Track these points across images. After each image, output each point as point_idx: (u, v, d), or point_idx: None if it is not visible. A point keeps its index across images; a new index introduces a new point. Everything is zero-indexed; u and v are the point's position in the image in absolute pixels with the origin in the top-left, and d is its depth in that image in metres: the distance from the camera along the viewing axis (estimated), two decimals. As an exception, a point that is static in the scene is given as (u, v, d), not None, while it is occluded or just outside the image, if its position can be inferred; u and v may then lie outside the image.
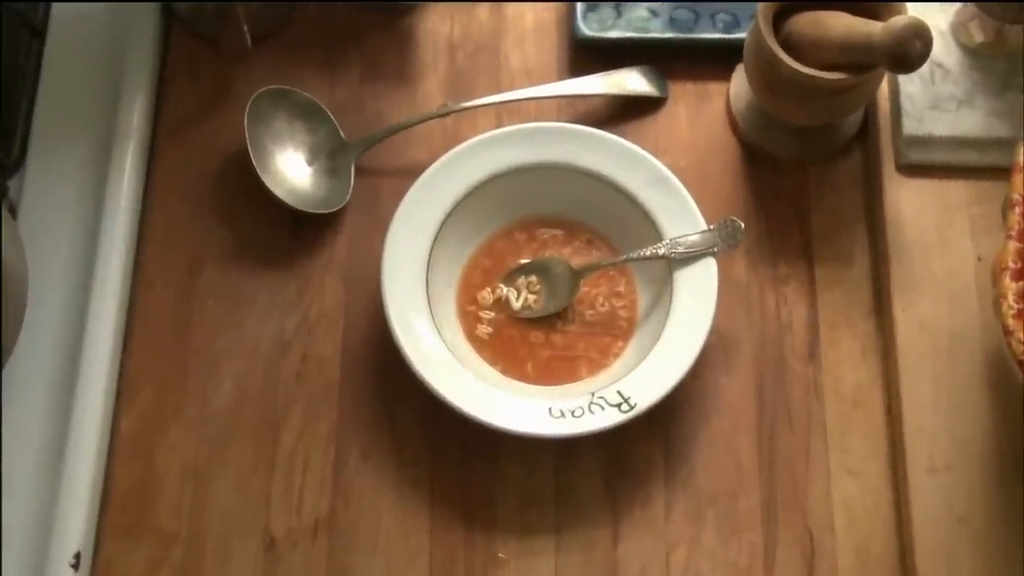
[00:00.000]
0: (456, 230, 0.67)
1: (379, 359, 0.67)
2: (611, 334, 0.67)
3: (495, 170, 0.67)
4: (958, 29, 0.70)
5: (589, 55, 0.73)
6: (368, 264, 0.68)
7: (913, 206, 0.68)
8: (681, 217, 0.66)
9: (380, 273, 0.64)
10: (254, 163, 0.68)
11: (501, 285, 0.68)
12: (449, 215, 0.67)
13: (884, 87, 0.70)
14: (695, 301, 0.64)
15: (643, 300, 0.68)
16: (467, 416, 0.61)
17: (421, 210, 0.66)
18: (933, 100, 0.68)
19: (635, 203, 0.67)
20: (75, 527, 0.60)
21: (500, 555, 0.63)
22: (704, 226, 0.66)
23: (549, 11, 0.74)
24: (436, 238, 0.66)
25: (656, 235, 0.66)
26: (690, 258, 0.65)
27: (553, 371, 0.66)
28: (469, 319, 0.68)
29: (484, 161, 0.67)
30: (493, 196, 0.68)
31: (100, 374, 0.64)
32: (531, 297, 0.68)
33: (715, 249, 0.65)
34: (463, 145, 0.67)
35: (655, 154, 0.68)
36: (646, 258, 0.66)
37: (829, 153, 0.72)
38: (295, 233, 0.70)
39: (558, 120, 0.72)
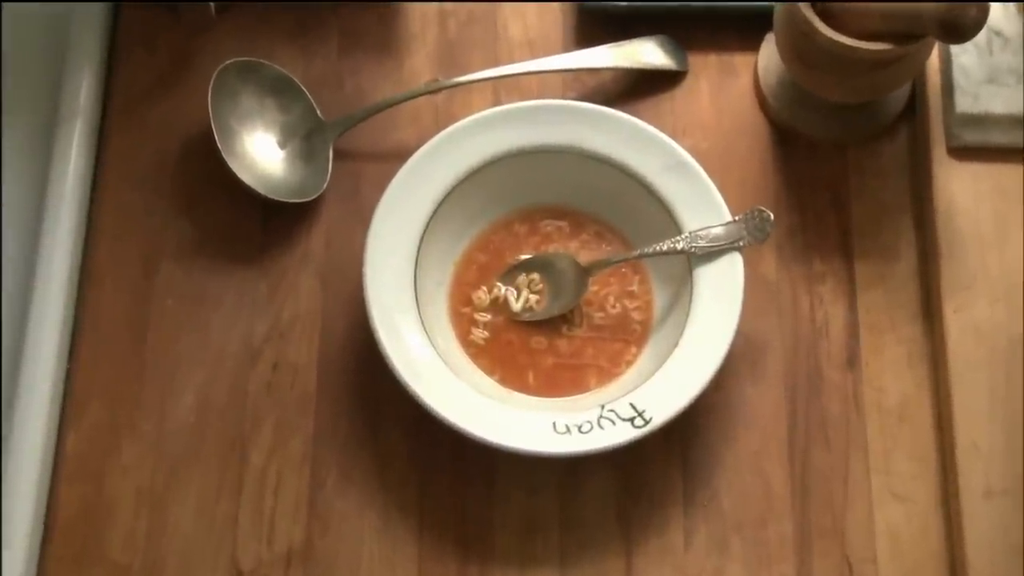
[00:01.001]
0: (448, 222, 0.68)
1: (361, 368, 0.67)
2: (623, 339, 0.67)
3: (492, 154, 0.67)
4: (1019, -8, 0.70)
5: (598, 24, 0.73)
6: (348, 260, 0.68)
7: (966, 194, 0.67)
8: (702, 207, 0.66)
9: (362, 270, 0.64)
10: (219, 146, 0.68)
11: (499, 284, 0.69)
12: (440, 205, 0.67)
13: (934, 59, 0.70)
14: (718, 302, 0.64)
15: (659, 301, 0.68)
16: (461, 432, 0.61)
17: (408, 199, 0.66)
18: (990, 73, 0.68)
19: (650, 191, 0.67)
20: (15, 558, 0.60)
21: (498, 589, 0.63)
22: (728, 217, 0.66)
23: (553, -26, 0.74)
24: (425, 231, 0.66)
25: (674, 227, 0.66)
26: (713, 253, 0.65)
27: (558, 381, 0.66)
28: (463, 322, 0.68)
29: (480, 144, 0.67)
30: (490, 183, 0.68)
31: (43, 385, 0.64)
32: (533, 297, 0.68)
33: (741, 243, 0.65)
34: (456, 126, 0.67)
35: (673, 136, 0.68)
36: (663, 253, 0.66)
37: (871, 134, 0.72)
38: (266, 225, 0.70)
39: (563, 97, 0.72)
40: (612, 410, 0.62)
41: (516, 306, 0.68)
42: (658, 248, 0.66)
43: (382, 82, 0.73)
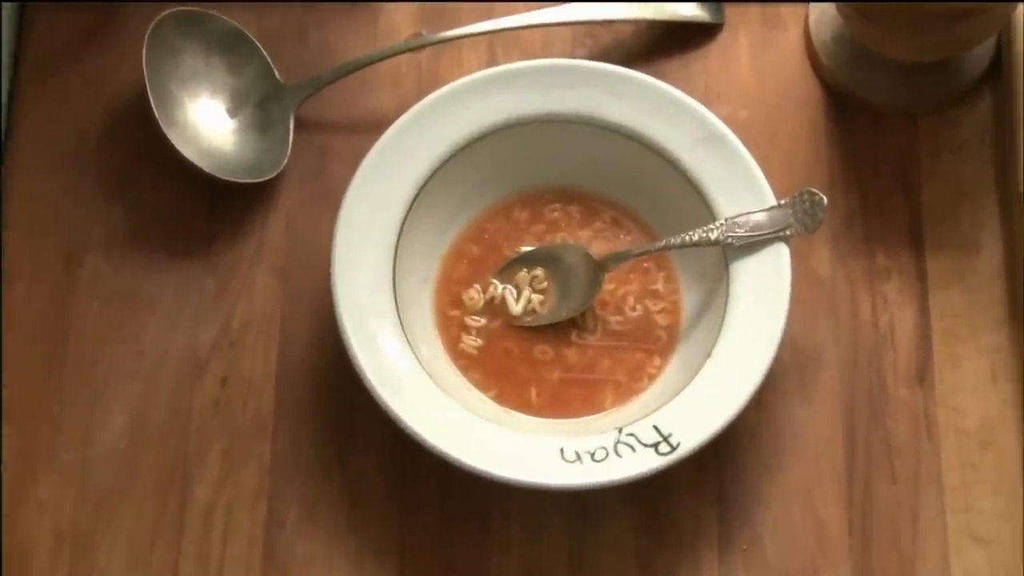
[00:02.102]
0: (434, 207, 0.68)
1: (328, 383, 0.68)
2: (645, 348, 0.68)
3: (487, 125, 0.68)
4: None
5: (615, -34, 0.73)
6: (313, 253, 0.69)
7: (1063, 172, 0.68)
8: (741, 188, 0.66)
9: (331, 265, 0.64)
10: (156, 115, 0.68)
11: (495, 281, 0.69)
12: (424, 186, 0.67)
13: (1022, 10, 0.70)
14: (760, 303, 0.64)
15: (689, 302, 0.68)
16: (449, 460, 0.61)
17: (386, 179, 0.67)
18: (1091, 27, 0.69)
19: (678, 169, 0.67)
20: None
21: (495, 651, 0.64)
22: (773, 201, 0.66)
23: (559, -94, 0.74)
24: (407, 218, 0.67)
25: (707, 213, 0.66)
26: (753, 245, 0.65)
27: (566, 399, 0.67)
28: (452, 328, 0.68)
29: (472, 112, 0.67)
30: (485, 160, 0.68)
31: (-57, 404, 0.65)
32: (536, 298, 0.69)
33: (788, 232, 0.65)
34: (443, 90, 0.68)
35: (706, 102, 0.68)
36: (693, 244, 0.66)
37: (947, 100, 0.72)
38: (213, 210, 0.71)
39: (573, 56, 0.73)
40: (632, 434, 0.62)
41: (516, 308, 0.68)
42: (687, 238, 0.66)
43: (354, 37, 0.73)
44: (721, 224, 0.66)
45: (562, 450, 0.62)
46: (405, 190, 0.67)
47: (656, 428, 0.62)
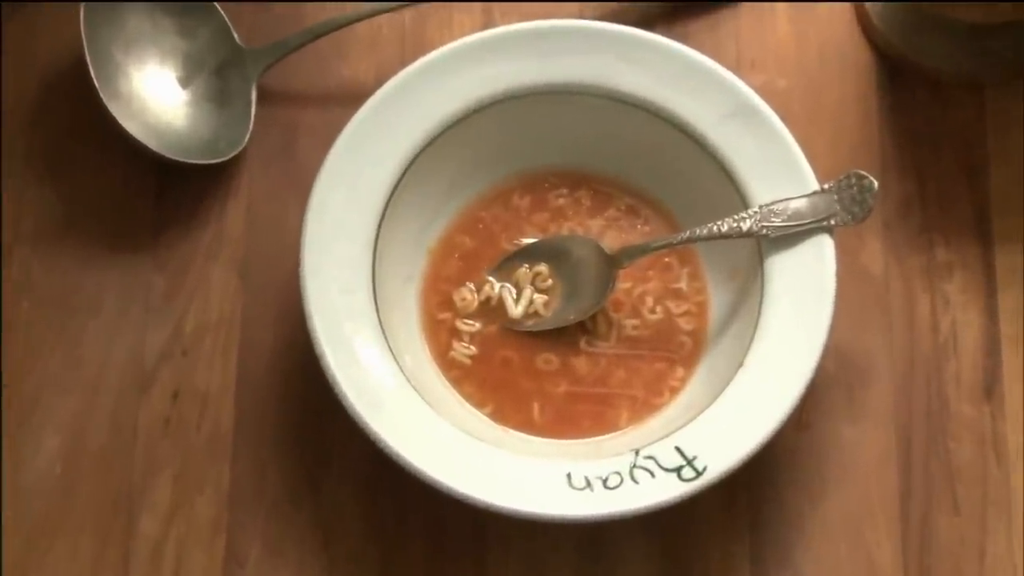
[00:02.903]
0: (421, 193, 0.68)
1: (297, 397, 0.68)
2: (666, 357, 0.68)
3: (482, 96, 0.68)
4: None
5: (632, -88, 0.74)
6: (280, 246, 0.69)
7: None
8: (778, 170, 0.66)
9: (300, 261, 0.64)
10: (95, 85, 0.67)
11: (492, 279, 0.69)
12: (409, 169, 0.67)
13: None
14: (800, 305, 0.64)
15: (717, 303, 0.69)
16: (438, 487, 0.61)
17: (365, 160, 0.66)
18: None
19: (705, 148, 0.67)
20: None
21: None
22: (815, 185, 0.66)
23: None
24: (388, 205, 0.67)
25: (738, 200, 0.66)
26: (792, 236, 0.65)
27: (574, 416, 0.67)
28: (441, 334, 0.68)
29: (465, 82, 0.67)
30: (479, 138, 0.68)
31: None
32: (539, 298, 0.69)
33: (832, 222, 0.65)
34: (431, 56, 0.68)
35: (737, 71, 0.68)
36: (723, 236, 0.65)
37: (1019, 69, 0.72)
38: (162, 196, 0.71)
39: (581, 16, 0.72)
40: (650, 456, 0.62)
41: (516, 310, 0.68)
42: (716, 229, 0.66)
43: (326, -6, 0.74)
44: (755, 212, 0.65)
45: (569, 475, 0.62)
46: (387, 173, 0.67)
47: (679, 450, 0.62)
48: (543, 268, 0.69)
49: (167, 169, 0.70)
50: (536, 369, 0.67)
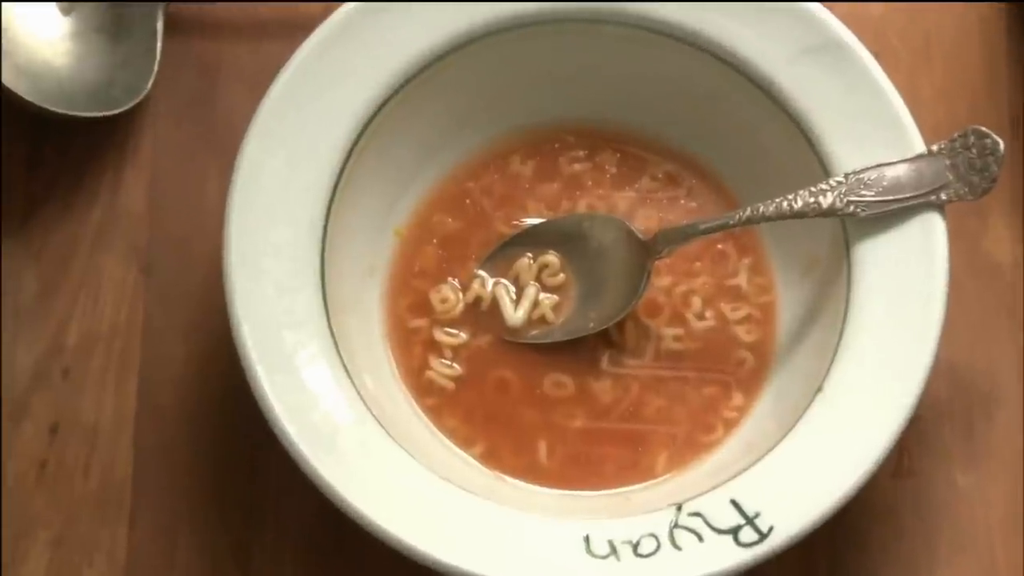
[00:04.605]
0: (386, 156, 0.65)
1: (218, 432, 0.64)
2: (720, 379, 0.64)
3: (469, 26, 0.64)
4: None
5: None
6: (194, 228, 0.66)
7: None
8: (871, 126, 0.62)
9: (223, 248, 0.60)
10: None
11: (482, 274, 0.66)
12: (370, 124, 0.63)
13: None
14: (899, 307, 0.60)
15: (788, 306, 0.65)
16: (409, 554, 0.56)
17: (310, 113, 0.62)
18: None
19: (773, 97, 0.63)
20: None
21: None
22: (921, 147, 0.62)
23: None
24: (342, 173, 0.62)
25: (817, 166, 0.62)
26: (890, 215, 0.61)
27: (595, 459, 0.63)
28: (414, 347, 0.65)
29: (443, 8, 0.64)
30: (464, 83, 0.65)
31: None
32: (547, 300, 0.65)
33: (943, 196, 0.61)
34: None
35: None
36: (796, 215, 0.62)
37: None
38: (37, 161, 0.68)
39: None
40: (697, 513, 0.58)
41: (515, 316, 0.65)
42: (787, 206, 0.61)
43: None
44: (839, 183, 0.61)
45: (588, 538, 0.58)
46: (340, 129, 0.63)
47: (735, 504, 0.58)
48: (552, 258, 0.66)
49: (43, 125, 0.67)
50: (543, 396, 0.64)
